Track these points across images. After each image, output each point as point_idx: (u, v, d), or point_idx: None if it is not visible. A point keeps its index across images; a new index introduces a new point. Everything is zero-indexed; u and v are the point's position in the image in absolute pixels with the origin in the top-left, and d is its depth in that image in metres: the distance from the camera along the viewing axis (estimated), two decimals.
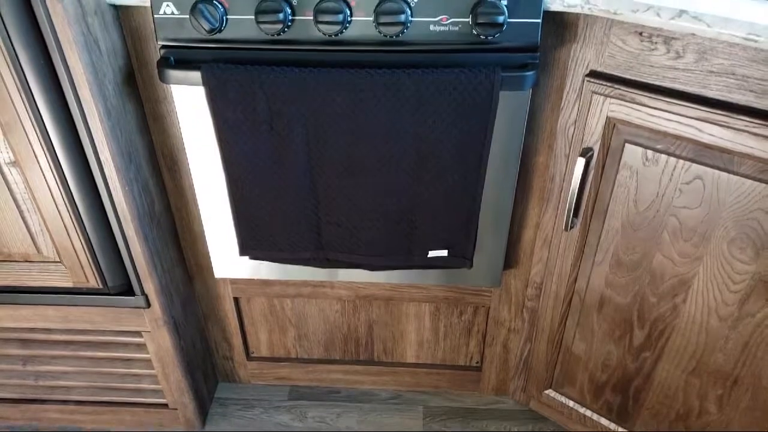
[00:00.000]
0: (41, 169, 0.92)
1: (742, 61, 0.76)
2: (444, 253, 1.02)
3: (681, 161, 0.85)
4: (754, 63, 0.75)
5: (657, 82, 0.84)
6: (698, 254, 0.90)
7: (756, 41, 0.71)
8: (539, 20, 0.83)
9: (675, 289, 0.95)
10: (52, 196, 0.94)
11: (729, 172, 0.81)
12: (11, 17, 0.79)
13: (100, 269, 1.05)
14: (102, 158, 0.93)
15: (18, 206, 0.97)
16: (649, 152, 0.88)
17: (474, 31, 0.84)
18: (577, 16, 0.86)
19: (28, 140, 0.89)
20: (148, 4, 0.87)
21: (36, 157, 0.90)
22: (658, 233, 0.93)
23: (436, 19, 0.85)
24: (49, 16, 0.80)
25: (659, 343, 1.02)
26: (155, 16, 0.87)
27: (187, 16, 0.86)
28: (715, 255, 0.88)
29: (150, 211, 1.06)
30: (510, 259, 1.15)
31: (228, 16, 0.86)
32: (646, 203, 0.92)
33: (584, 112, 0.91)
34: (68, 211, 0.96)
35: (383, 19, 0.83)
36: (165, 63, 0.89)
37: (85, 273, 1.04)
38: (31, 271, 1.05)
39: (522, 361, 1.30)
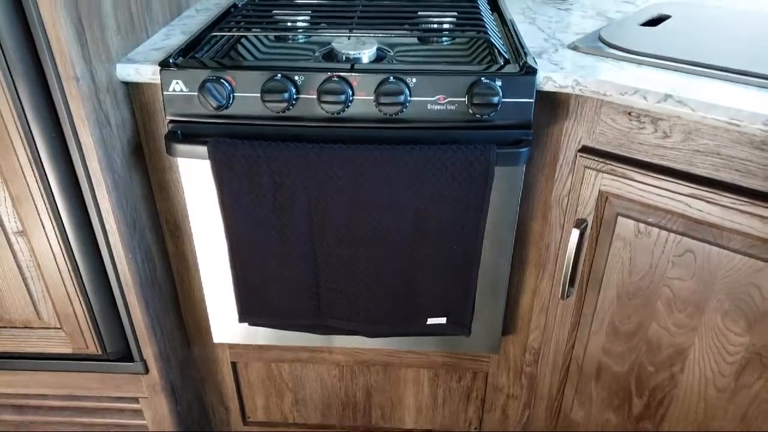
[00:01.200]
0: (47, 238, 0.93)
1: (726, 142, 0.79)
2: (443, 320, 1.03)
3: (672, 234, 0.88)
4: (738, 144, 0.78)
5: (646, 159, 0.87)
6: (693, 325, 0.91)
7: (738, 126, 0.74)
8: (532, 100, 0.88)
9: (672, 359, 0.96)
10: (57, 265, 0.96)
11: (719, 246, 0.84)
12: (27, 94, 0.82)
13: (100, 335, 1.05)
14: (107, 228, 0.95)
15: (22, 274, 0.98)
16: (641, 225, 0.90)
17: (470, 110, 0.88)
18: (568, 95, 0.90)
19: (37, 211, 0.91)
20: (158, 81, 0.91)
21: (43, 226, 0.92)
22: (652, 303, 0.94)
23: (434, 98, 0.89)
24: (64, 94, 0.83)
25: (659, 413, 1.02)
26: (165, 93, 0.91)
27: (196, 94, 0.90)
28: (710, 326, 0.89)
29: (152, 276, 1.07)
30: (508, 325, 1.16)
31: (235, 94, 0.90)
32: (639, 274, 0.94)
33: (577, 185, 0.94)
34: (72, 278, 0.97)
35: (383, 99, 0.86)
36: (172, 137, 0.92)
37: (84, 339, 1.05)
38: (31, 338, 1.06)
39: (521, 427, 1.29)
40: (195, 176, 0.98)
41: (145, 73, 0.91)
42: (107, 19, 0.88)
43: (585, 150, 0.92)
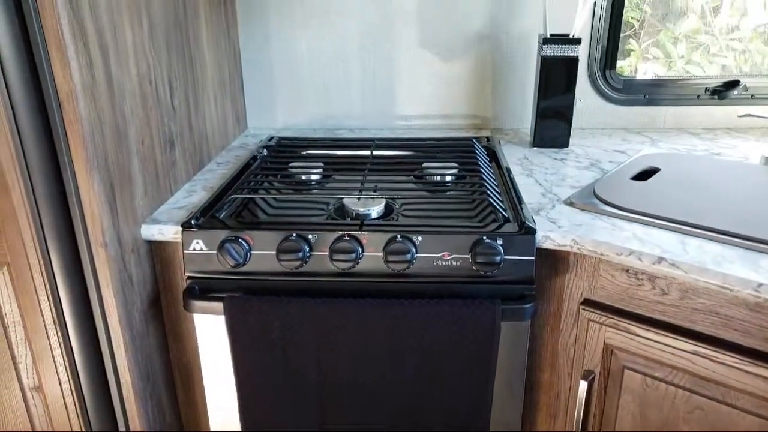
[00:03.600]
0: (62, 393, 0.95)
1: (723, 303, 0.82)
2: None
3: (680, 390, 0.88)
4: (734, 305, 0.81)
5: (647, 314, 0.90)
6: None
7: (731, 290, 0.78)
8: (533, 258, 0.92)
9: None
10: (69, 420, 0.97)
11: (728, 405, 0.84)
12: (58, 260, 0.88)
13: None
14: (122, 382, 0.97)
15: (33, 429, 0.98)
16: (648, 379, 0.91)
17: (474, 267, 0.92)
18: (567, 252, 0.95)
19: (55, 367, 0.93)
20: (179, 239, 0.97)
21: (60, 382, 0.94)
22: None
23: (439, 255, 0.93)
24: (93, 259, 0.89)
25: None
26: (185, 251, 0.96)
27: (215, 252, 0.96)
28: None
29: (161, 423, 1.07)
30: None
31: (252, 252, 0.95)
32: (651, 428, 0.93)
33: (582, 337, 0.96)
34: None
35: (392, 258, 0.91)
36: (190, 293, 0.96)
37: None
38: None
39: None
40: (209, 327, 1.01)
41: (168, 233, 0.97)
42: (136, 184, 0.96)
43: (587, 303, 0.95)
